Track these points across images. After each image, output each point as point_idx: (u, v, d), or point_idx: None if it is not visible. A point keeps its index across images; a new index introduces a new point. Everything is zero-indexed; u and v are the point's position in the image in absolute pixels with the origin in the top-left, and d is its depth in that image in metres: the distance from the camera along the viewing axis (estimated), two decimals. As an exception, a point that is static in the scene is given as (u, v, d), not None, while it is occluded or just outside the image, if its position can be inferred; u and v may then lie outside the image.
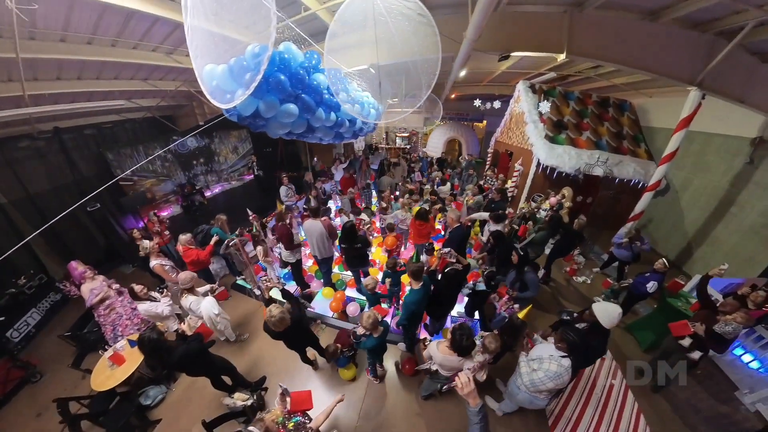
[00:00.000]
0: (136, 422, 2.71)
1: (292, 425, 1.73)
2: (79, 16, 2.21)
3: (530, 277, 2.94)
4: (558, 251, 4.38)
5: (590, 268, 5.09)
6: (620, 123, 6.26)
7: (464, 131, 10.42)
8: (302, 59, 2.40)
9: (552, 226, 4.23)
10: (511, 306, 3.04)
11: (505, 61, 5.84)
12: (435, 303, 2.83)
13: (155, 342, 2.22)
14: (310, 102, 2.44)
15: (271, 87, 2.04)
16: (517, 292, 3.05)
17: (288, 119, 2.35)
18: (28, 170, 4.01)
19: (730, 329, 2.38)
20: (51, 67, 2.82)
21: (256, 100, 2.07)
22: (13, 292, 3.64)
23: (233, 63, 1.89)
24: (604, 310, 2.12)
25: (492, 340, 2.00)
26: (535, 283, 2.96)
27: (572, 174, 5.56)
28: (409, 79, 3.12)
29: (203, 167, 7.27)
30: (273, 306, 2.25)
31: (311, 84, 2.46)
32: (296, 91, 2.31)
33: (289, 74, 2.17)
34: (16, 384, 3.14)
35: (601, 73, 5.54)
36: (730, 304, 2.51)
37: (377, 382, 3.01)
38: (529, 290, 2.96)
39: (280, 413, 1.78)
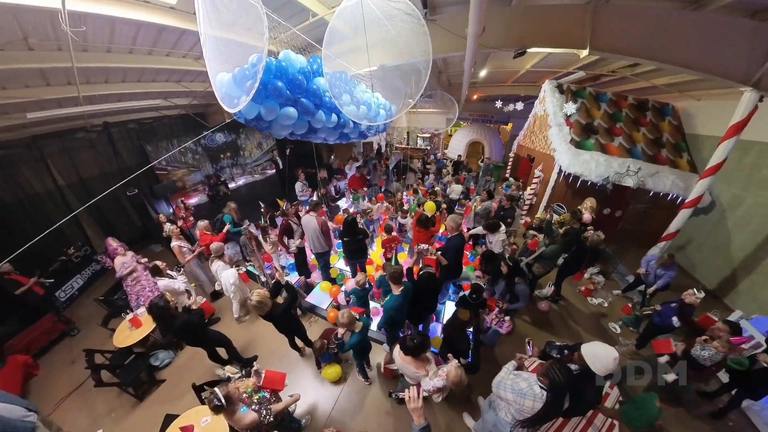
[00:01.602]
0: (145, 379, 3.20)
1: (257, 398, 1.97)
2: (120, 32, 2.72)
3: (520, 288, 2.89)
4: (566, 268, 4.09)
5: (610, 290, 4.72)
6: (660, 129, 5.73)
7: (488, 134, 10.17)
8: (301, 65, 2.67)
9: (567, 242, 3.92)
10: (502, 319, 2.99)
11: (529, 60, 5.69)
12: (412, 306, 2.83)
13: (161, 309, 2.67)
14: (309, 105, 2.69)
15: (270, 93, 2.32)
16: (507, 304, 3.01)
17: (288, 122, 2.62)
18: (81, 158, 4.85)
19: (707, 355, 2.30)
20: (100, 73, 3.45)
21: (258, 105, 2.38)
22: (63, 260, 4.43)
23: (237, 72, 2.20)
24: (594, 354, 1.80)
25: (457, 372, 1.85)
26: (526, 295, 2.91)
27: (599, 183, 5.18)
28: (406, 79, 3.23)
29: (229, 160, 8.01)
30: (255, 291, 2.56)
31: (310, 88, 2.71)
32: (295, 96, 2.59)
33: (287, 80, 2.44)
34: (58, 336, 3.84)
35: (639, 72, 5.14)
36: (721, 330, 2.38)
37: (368, 383, 3.09)
38: (519, 301, 2.91)
39: (251, 385, 2.05)
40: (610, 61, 5.18)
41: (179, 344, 3.70)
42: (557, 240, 3.97)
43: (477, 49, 3.22)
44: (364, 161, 8.21)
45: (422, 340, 1.92)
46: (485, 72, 6.11)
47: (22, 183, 4.26)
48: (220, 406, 1.67)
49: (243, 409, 1.83)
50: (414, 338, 1.93)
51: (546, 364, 1.72)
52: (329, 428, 1.89)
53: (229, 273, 3.61)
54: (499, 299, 3.12)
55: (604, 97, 5.94)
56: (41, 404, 3.14)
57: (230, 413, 1.74)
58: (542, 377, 1.68)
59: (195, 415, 2.26)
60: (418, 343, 1.91)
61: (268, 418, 1.87)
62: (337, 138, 3.79)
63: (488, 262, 3.36)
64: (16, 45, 2.42)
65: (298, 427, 2.65)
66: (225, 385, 1.73)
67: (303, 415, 2.82)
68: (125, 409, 3.07)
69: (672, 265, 3.58)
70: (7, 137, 3.95)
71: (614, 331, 3.90)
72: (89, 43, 2.76)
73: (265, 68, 2.22)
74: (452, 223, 3.25)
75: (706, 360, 2.32)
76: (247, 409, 1.85)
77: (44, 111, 3.48)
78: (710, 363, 2.31)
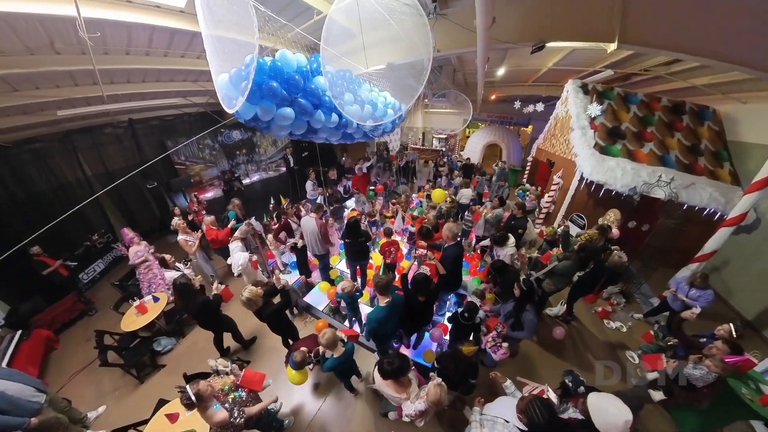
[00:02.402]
0: (148, 362, 3.45)
1: (232, 397, 2.04)
2: (136, 36, 2.95)
3: (528, 318, 2.64)
4: (579, 287, 3.79)
5: (631, 313, 4.32)
6: (698, 135, 5.19)
7: (506, 136, 9.78)
8: (299, 64, 2.70)
9: (582, 258, 3.55)
10: (499, 344, 2.78)
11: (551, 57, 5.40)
12: (406, 314, 2.73)
13: (184, 285, 2.94)
14: (307, 105, 2.72)
15: (264, 93, 2.38)
16: (508, 329, 2.79)
17: (285, 122, 2.66)
18: (108, 151, 5.31)
19: (698, 374, 2.11)
20: (122, 74, 3.77)
21: (254, 106, 2.45)
22: (87, 245, 4.89)
23: (233, 73, 2.29)
24: (601, 408, 1.53)
25: (436, 390, 1.74)
26: (532, 326, 2.66)
27: (624, 193, 4.78)
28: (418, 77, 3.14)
29: (245, 157, 8.39)
30: (248, 288, 2.65)
31: (308, 87, 2.74)
32: (292, 96, 2.64)
33: (283, 80, 2.49)
34: (78, 314, 4.25)
35: (676, 71, 4.69)
36: (719, 349, 2.16)
37: (354, 396, 3.03)
38: (523, 331, 2.68)
39: (229, 383, 2.12)
40: (642, 59, 4.79)
41: (181, 332, 3.94)
42: (572, 256, 3.63)
43: (488, 44, 3.00)
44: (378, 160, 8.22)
45: (401, 363, 1.82)
46: (503, 71, 5.88)
47: (56, 172, 4.75)
48: (191, 404, 1.75)
49: (216, 407, 1.89)
50: (392, 361, 1.83)
51: (526, 398, 1.57)
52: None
53: (241, 255, 3.90)
54: (502, 320, 2.89)
55: (634, 98, 5.50)
56: (57, 376, 3.51)
57: (202, 409, 1.81)
58: (521, 414, 1.53)
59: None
60: (396, 367, 1.82)
61: (238, 420, 1.91)
62: (340, 138, 3.81)
63: (499, 273, 3.17)
64: (44, 50, 2.70)
65: (280, 427, 2.72)
66: (197, 383, 1.80)
67: (286, 416, 2.88)
68: (128, 388, 3.32)
69: (708, 287, 3.21)
70: (44, 132, 4.43)
71: (632, 361, 3.57)
72: (109, 46, 3.02)
73: (258, 68, 2.32)
74: (449, 232, 3.09)
75: (697, 380, 2.13)
76: (219, 406, 1.91)
77: (73, 109, 3.85)
78: (702, 384, 2.12)
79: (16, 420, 2.21)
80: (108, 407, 3.13)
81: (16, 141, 4.16)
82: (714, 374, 2.08)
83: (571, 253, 3.65)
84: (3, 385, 2.28)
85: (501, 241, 3.75)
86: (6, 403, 2.23)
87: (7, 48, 2.51)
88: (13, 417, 2.21)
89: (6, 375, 2.39)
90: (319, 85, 2.79)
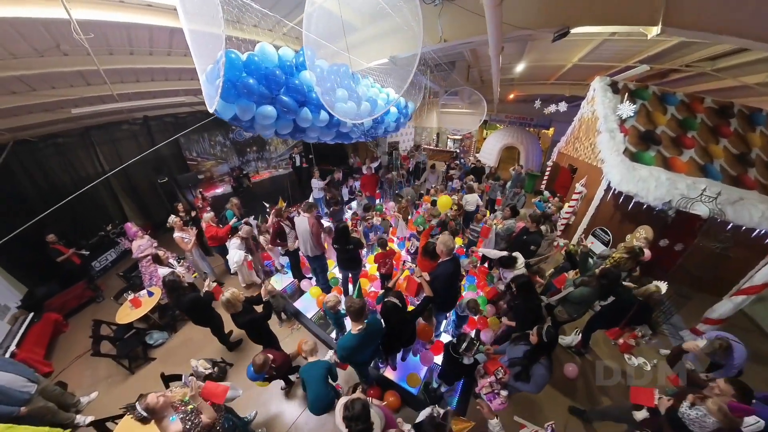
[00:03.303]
0: (140, 354, 3.63)
1: (190, 408, 2.02)
2: (135, 35, 3.09)
3: (539, 372, 2.19)
4: (601, 319, 3.33)
5: (658, 348, 3.79)
6: (748, 142, 4.52)
7: (525, 138, 9.24)
8: (283, 59, 2.62)
9: (603, 287, 3.03)
10: (497, 391, 2.39)
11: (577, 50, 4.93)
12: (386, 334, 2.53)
13: (173, 282, 3.07)
14: (289, 103, 2.63)
15: (240, 91, 2.35)
16: (510, 377, 2.36)
17: (267, 121, 2.60)
18: (124, 147, 5.71)
19: (694, 415, 1.79)
20: (129, 74, 3.99)
21: (231, 104, 2.44)
22: (102, 235, 5.28)
23: (208, 70, 2.28)
24: None
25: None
26: (542, 382, 2.19)
27: (658, 208, 4.25)
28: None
29: (255, 154, 8.68)
30: (230, 290, 2.67)
31: (292, 84, 2.66)
32: (273, 93, 2.58)
33: (261, 76, 2.44)
34: (87, 301, 4.58)
35: (724, 67, 4.12)
36: (723, 390, 1.82)
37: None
38: (529, 385, 2.23)
39: (187, 395, 2.10)
40: (684, 52, 4.23)
41: (174, 327, 4.11)
42: (591, 282, 3.08)
43: (500, 27, 2.58)
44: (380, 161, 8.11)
45: (360, 410, 1.62)
46: (522, 67, 5.50)
47: (76, 165, 5.18)
48: (144, 418, 1.78)
49: (172, 418, 1.88)
50: (351, 407, 1.63)
51: None
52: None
53: (236, 253, 4.13)
54: (505, 364, 2.45)
55: (672, 98, 4.90)
56: (61, 357, 3.79)
57: (158, 421, 1.83)
58: None
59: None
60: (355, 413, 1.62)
61: (193, 430, 1.90)
62: (335, 138, 3.74)
63: (520, 293, 2.69)
64: (52, 52, 2.90)
65: (250, 438, 2.71)
66: (145, 397, 1.81)
67: (259, 426, 2.88)
68: (120, 378, 3.51)
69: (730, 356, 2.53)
70: (66, 128, 4.84)
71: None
72: (112, 47, 3.18)
73: (233, 64, 2.28)
74: (443, 247, 2.74)
75: (693, 423, 1.80)
76: (176, 418, 1.91)
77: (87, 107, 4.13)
78: (697, 426, 1.79)
79: (5, 408, 2.37)
80: (99, 393, 3.32)
81: (41, 136, 4.59)
82: (713, 420, 1.74)
83: (591, 278, 3.11)
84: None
85: (508, 264, 3.35)
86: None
87: (17, 51, 2.72)
88: (4, 406, 2.37)
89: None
90: (304, 80, 2.69)
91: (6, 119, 3.74)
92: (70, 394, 3.16)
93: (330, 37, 3.63)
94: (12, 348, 3.45)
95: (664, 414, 1.93)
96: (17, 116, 3.83)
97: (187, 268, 4.21)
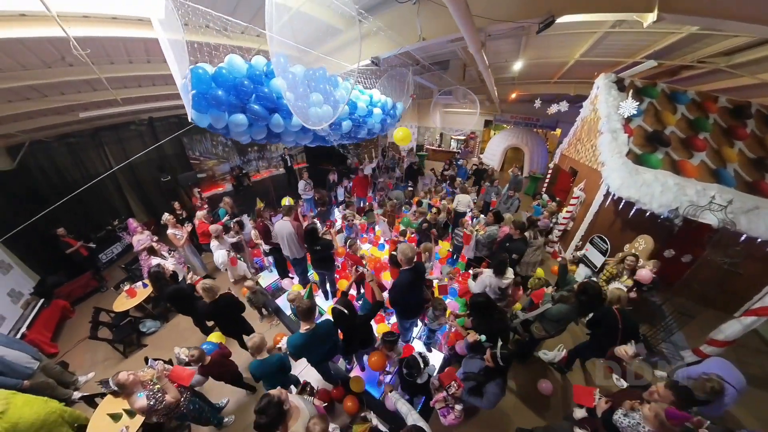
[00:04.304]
0: (134, 341, 4.07)
1: (157, 387, 2.33)
2: (132, 46, 3.49)
3: (492, 390, 2.22)
4: (591, 348, 3.18)
5: (652, 369, 3.58)
6: (766, 145, 4.27)
7: (531, 139, 9.08)
8: (255, 68, 2.87)
9: (582, 304, 2.95)
10: (450, 406, 2.43)
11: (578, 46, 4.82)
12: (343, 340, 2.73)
13: (157, 273, 3.51)
14: (259, 111, 2.89)
15: (210, 102, 2.62)
16: (463, 392, 2.40)
17: (239, 129, 2.89)
18: (131, 146, 6.28)
19: (627, 423, 1.80)
20: (131, 80, 4.45)
21: (205, 114, 2.72)
22: (109, 229, 5.88)
23: (181, 84, 2.56)
24: None
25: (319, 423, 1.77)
26: (494, 400, 2.22)
27: (663, 215, 4.09)
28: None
29: (256, 154, 9.17)
30: (209, 279, 2.99)
31: (261, 92, 2.90)
32: (242, 102, 2.84)
33: (230, 87, 2.70)
34: (92, 290, 5.13)
35: (739, 62, 3.92)
36: (661, 395, 1.81)
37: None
38: (482, 400, 2.27)
39: (154, 376, 2.40)
40: (696, 47, 4.06)
41: (166, 317, 4.54)
42: (569, 298, 3.01)
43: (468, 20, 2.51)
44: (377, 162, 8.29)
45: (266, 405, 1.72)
46: (520, 65, 5.46)
47: (87, 164, 5.80)
48: (114, 391, 2.13)
49: (140, 395, 2.20)
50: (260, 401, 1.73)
51: None
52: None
53: (219, 253, 4.51)
54: (461, 378, 2.47)
55: (683, 96, 4.69)
56: (66, 340, 4.31)
57: (127, 396, 2.17)
58: None
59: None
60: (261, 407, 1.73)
61: (157, 406, 2.22)
62: (313, 141, 3.98)
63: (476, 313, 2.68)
64: (58, 63, 3.34)
65: (219, 424, 2.99)
66: (117, 374, 2.14)
67: (228, 413, 3.16)
68: (114, 361, 3.95)
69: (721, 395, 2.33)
70: (77, 129, 5.44)
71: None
72: (112, 57, 3.60)
73: (201, 78, 2.57)
74: (402, 256, 2.70)
75: (626, 430, 1.80)
76: (143, 395, 2.22)
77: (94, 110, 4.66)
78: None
79: (11, 381, 2.79)
80: (96, 374, 3.78)
81: (54, 137, 5.20)
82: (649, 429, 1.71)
83: (570, 294, 3.05)
84: (2, 351, 2.88)
85: (499, 270, 3.16)
86: (4, 366, 2.81)
87: (28, 63, 3.17)
88: (9, 378, 2.79)
89: (6, 343, 3.01)
90: (274, 88, 2.93)
91: (21, 122, 4.29)
92: (69, 372, 3.62)
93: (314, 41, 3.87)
94: (23, 330, 3.98)
95: (600, 417, 1.95)
96: (32, 119, 4.39)
97: (178, 260, 4.62)
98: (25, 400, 2.36)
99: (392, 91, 4.81)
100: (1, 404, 2.16)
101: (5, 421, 2.12)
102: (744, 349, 4.02)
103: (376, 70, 4.58)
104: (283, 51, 2.83)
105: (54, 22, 2.13)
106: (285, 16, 3.38)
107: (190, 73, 2.33)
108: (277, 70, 2.74)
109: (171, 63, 2.40)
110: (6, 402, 2.20)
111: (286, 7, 3.11)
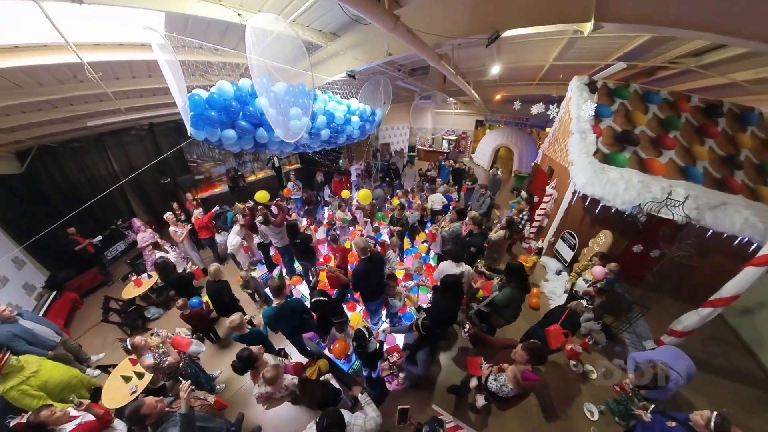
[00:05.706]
0: (140, 325, 4.78)
1: (162, 351, 3.01)
2: (136, 65, 4.18)
3: (421, 357, 2.74)
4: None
5: (611, 357, 4.05)
6: (737, 143, 4.65)
7: (520, 139, 9.49)
8: (240, 91, 3.50)
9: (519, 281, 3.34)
10: (395, 373, 2.95)
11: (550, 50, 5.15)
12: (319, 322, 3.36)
13: (163, 263, 4.19)
14: (246, 126, 3.54)
15: (205, 121, 3.27)
16: (403, 361, 2.94)
17: (230, 141, 3.53)
18: (132, 150, 7.01)
19: (495, 387, 2.18)
20: (134, 92, 5.14)
21: (201, 130, 3.36)
22: (113, 228, 6.62)
23: (181, 107, 3.19)
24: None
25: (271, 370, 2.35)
26: (425, 366, 2.74)
27: (627, 212, 4.43)
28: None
29: (251, 156, 9.85)
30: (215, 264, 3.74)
31: (246, 110, 3.56)
32: (231, 120, 3.49)
33: (221, 108, 3.34)
34: (99, 284, 5.86)
35: (709, 62, 4.13)
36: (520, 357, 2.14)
37: None
38: (416, 367, 2.79)
39: (159, 341, 3.08)
40: (666, 48, 4.32)
41: (168, 305, 5.26)
42: (508, 281, 3.44)
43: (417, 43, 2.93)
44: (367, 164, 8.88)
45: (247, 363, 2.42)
46: (498, 69, 5.94)
47: (91, 167, 6.53)
48: (127, 349, 2.81)
49: (148, 356, 2.88)
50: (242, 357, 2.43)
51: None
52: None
53: (234, 237, 5.13)
54: (404, 348, 2.97)
55: (655, 96, 5.10)
56: (77, 328, 5.04)
57: (137, 355, 2.85)
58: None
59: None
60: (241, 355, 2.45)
61: (161, 365, 2.89)
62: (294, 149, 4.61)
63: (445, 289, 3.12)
64: (70, 81, 4.03)
65: (211, 390, 3.65)
66: (133, 337, 2.83)
67: (220, 382, 3.82)
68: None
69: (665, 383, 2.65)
70: (82, 134, 6.18)
71: (589, 418, 3.37)
72: (117, 73, 4.29)
73: (196, 104, 3.21)
74: (356, 248, 3.36)
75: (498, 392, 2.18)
76: (150, 356, 2.90)
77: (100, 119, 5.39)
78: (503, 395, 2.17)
79: (38, 350, 3.46)
80: (106, 354, 4.49)
81: (60, 142, 5.95)
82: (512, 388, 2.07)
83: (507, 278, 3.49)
84: (32, 325, 3.56)
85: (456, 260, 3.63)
86: (33, 337, 3.49)
87: (43, 80, 3.86)
88: (37, 348, 3.48)
89: (35, 318, 3.71)
90: (258, 106, 3.58)
91: (31, 129, 4.98)
92: (84, 352, 4.34)
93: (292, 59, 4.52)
94: (38, 318, 4.72)
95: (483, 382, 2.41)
96: (41, 127, 5.11)
97: (178, 255, 5.33)
98: (53, 365, 3.04)
99: (372, 99, 5.39)
100: (36, 365, 2.84)
101: (38, 378, 2.79)
102: (715, 341, 4.41)
103: (354, 82, 5.15)
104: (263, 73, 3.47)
105: (70, 50, 2.72)
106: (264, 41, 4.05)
107: (188, 100, 2.95)
108: (259, 91, 3.35)
109: (170, 83, 3.04)
110: (39, 364, 2.88)
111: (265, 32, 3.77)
